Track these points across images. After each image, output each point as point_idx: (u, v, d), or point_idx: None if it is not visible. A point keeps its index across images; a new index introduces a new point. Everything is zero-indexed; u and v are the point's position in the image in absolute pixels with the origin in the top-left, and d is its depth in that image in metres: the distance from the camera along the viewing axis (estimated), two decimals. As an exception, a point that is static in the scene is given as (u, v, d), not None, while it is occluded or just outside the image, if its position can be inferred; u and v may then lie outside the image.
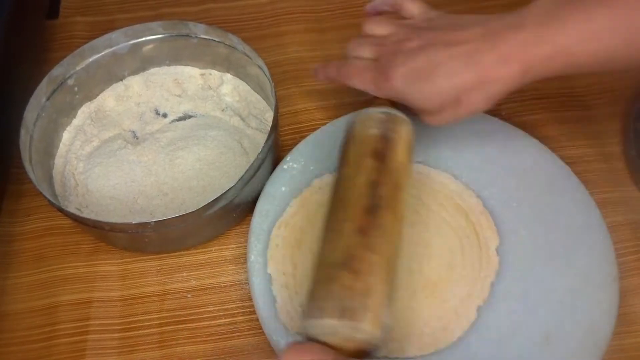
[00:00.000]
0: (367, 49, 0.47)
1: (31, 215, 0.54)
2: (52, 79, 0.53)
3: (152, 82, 0.58)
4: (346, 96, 0.59)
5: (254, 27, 0.65)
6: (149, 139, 0.55)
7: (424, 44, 0.43)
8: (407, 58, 0.43)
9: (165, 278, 0.50)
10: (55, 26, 0.66)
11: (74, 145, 0.55)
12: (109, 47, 0.55)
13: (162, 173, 0.53)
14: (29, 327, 0.48)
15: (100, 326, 0.48)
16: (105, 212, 0.51)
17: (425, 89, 0.42)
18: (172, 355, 0.47)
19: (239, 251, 0.51)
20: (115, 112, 0.57)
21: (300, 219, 0.48)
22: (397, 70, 0.43)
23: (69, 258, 0.51)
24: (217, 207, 0.46)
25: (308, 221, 0.48)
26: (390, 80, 0.43)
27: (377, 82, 0.45)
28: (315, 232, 0.46)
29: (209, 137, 0.54)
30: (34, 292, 0.50)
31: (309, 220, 0.48)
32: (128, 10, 0.67)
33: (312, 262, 0.43)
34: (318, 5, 0.66)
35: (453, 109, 0.43)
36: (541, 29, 0.39)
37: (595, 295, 0.44)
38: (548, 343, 0.43)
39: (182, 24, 0.55)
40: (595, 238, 0.47)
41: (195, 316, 0.48)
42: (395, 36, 0.46)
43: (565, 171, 0.50)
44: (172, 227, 0.46)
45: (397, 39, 0.45)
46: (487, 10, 0.64)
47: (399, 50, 0.44)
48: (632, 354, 0.46)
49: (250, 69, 0.55)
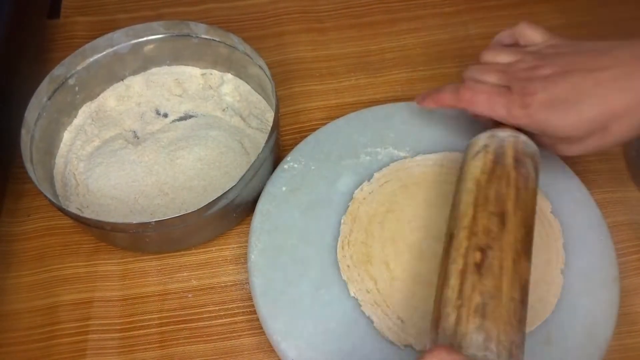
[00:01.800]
0: (493, 75, 0.44)
1: (32, 215, 0.54)
2: (53, 78, 0.53)
3: (153, 81, 0.58)
4: (347, 96, 0.59)
5: (255, 27, 0.65)
6: (150, 139, 0.55)
7: (562, 71, 0.41)
8: (546, 84, 0.41)
9: (166, 278, 0.50)
10: (56, 26, 0.66)
11: (74, 145, 0.55)
12: (110, 46, 0.55)
13: (162, 173, 0.53)
14: (30, 327, 0.48)
15: (100, 326, 0.48)
16: (106, 212, 0.51)
17: (571, 116, 0.40)
18: (172, 355, 0.47)
19: (239, 251, 0.51)
20: (116, 112, 0.57)
21: (358, 234, 0.48)
22: (537, 98, 0.41)
23: (69, 258, 0.51)
24: (218, 207, 0.46)
25: (367, 234, 0.48)
26: (529, 107, 0.41)
27: (510, 109, 0.42)
28: (378, 244, 0.47)
29: (210, 137, 0.54)
30: (35, 291, 0.50)
31: (368, 233, 0.48)
32: (129, 10, 0.67)
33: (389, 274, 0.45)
34: (319, 5, 0.66)
35: (599, 137, 0.41)
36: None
37: (596, 295, 0.44)
38: (548, 343, 0.43)
39: (183, 23, 0.55)
40: (596, 238, 0.47)
41: (195, 316, 0.48)
42: (524, 63, 0.44)
43: (566, 171, 0.50)
44: (173, 227, 0.46)
45: (527, 66, 0.43)
46: (487, 10, 0.64)
47: (534, 77, 0.42)
48: (632, 354, 0.46)
49: (251, 69, 0.55)
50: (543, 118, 0.41)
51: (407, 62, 0.61)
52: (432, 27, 0.64)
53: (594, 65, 0.40)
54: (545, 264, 0.45)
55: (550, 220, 0.47)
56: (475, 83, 0.45)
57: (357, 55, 0.62)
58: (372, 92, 0.60)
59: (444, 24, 0.64)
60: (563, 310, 0.44)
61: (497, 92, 0.43)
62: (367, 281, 0.45)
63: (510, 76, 0.43)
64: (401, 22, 0.65)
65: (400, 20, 0.65)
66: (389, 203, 0.49)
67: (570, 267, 0.45)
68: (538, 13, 0.64)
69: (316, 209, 0.49)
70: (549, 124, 0.41)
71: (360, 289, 0.45)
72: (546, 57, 0.43)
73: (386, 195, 0.49)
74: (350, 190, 0.50)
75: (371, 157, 0.51)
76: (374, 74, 0.61)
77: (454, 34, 0.63)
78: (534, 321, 0.43)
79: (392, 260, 0.46)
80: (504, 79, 0.44)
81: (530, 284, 0.41)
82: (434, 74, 0.60)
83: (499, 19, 0.64)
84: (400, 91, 0.59)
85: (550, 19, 0.63)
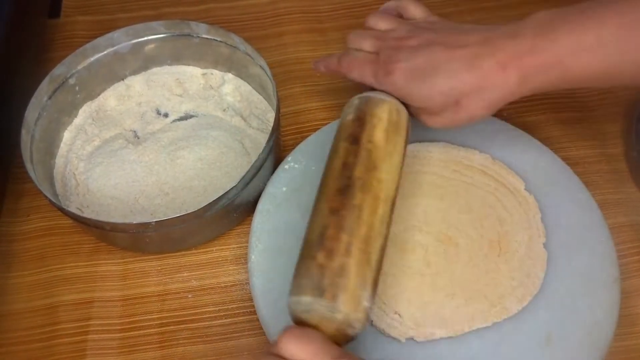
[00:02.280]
0: (368, 41, 0.47)
1: (32, 215, 0.54)
2: (53, 78, 0.53)
3: (154, 81, 0.58)
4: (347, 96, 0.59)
5: (256, 27, 0.65)
6: (150, 139, 0.55)
7: (424, 43, 0.44)
8: (409, 55, 0.44)
9: (166, 278, 0.50)
10: (57, 25, 0.66)
11: (75, 144, 0.55)
12: (110, 46, 0.55)
13: (163, 173, 0.53)
14: (30, 327, 0.48)
15: (100, 326, 0.48)
16: (106, 212, 0.51)
17: (426, 87, 0.43)
18: (172, 355, 0.47)
19: (239, 251, 0.51)
20: (117, 112, 0.57)
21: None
22: (398, 66, 0.43)
23: (69, 258, 0.51)
24: (218, 207, 0.46)
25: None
26: (391, 74, 0.44)
27: (377, 76, 0.45)
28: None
29: (210, 137, 0.54)
30: (35, 292, 0.50)
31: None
32: (130, 9, 0.67)
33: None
34: (319, 5, 0.66)
35: (453, 112, 0.43)
36: (536, 39, 0.40)
37: (597, 296, 0.44)
38: (549, 344, 0.43)
39: (184, 23, 0.55)
40: (597, 239, 0.47)
41: (195, 316, 0.48)
42: (397, 32, 0.47)
43: (566, 172, 0.50)
44: (173, 227, 0.46)
45: (398, 35, 0.46)
46: (487, 10, 0.64)
47: (400, 46, 0.45)
48: (633, 355, 0.45)
49: (251, 69, 0.55)
50: (403, 86, 0.44)
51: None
52: (432, 27, 0.64)
53: (453, 43, 0.43)
54: (528, 240, 0.47)
55: (526, 197, 0.49)
56: (354, 51, 0.48)
57: (357, 55, 0.62)
58: (373, 92, 0.59)
59: (444, 24, 0.64)
60: (564, 310, 0.44)
61: (368, 59, 0.46)
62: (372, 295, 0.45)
63: (382, 44, 0.46)
64: (402, 22, 0.64)
65: (401, 21, 0.65)
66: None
67: (571, 268, 0.45)
68: (538, 14, 0.64)
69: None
70: (406, 93, 0.44)
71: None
72: (417, 30, 0.46)
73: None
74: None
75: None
76: (375, 74, 0.61)
77: (454, 34, 0.63)
78: (525, 297, 0.44)
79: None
80: (376, 46, 0.46)
81: (517, 261, 0.45)
82: (435, 74, 0.60)
83: (498, 19, 0.64)
84: (400, 91, 0.59)
85: (551, 20, 0.63)
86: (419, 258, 0.46)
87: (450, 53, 0.42)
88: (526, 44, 0.40)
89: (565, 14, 0.40)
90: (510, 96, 0.42)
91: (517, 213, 0.48)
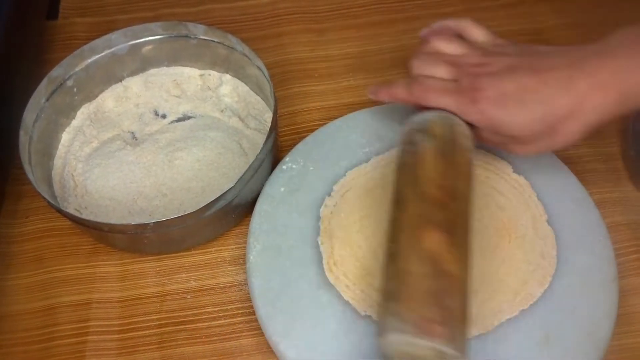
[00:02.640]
0: (442, 68, 0.44)
1: (30, 217, 0.54)
2: (51, 79, 0.53)
3: (152, 83, 0.58)
4: (345, 97, 0.59)
5: (254, 28, 0.65)
6: (148, 140, 0.55)
7: (506, 69, 0.41)
8: (494, 81, 0.41)
9: (165, 279, 0.50)
10: (55, 27, 0.66)
11: (73, 146, 0.55)
12: (108, 48, 0.55)
13: (161, 174, 0.53)
14: (29, 329, 0.48)
15: (99, 327, 0.48)
16: (105, 213, 0.51)
17: (519, 114, 0.40)
18: (171, 356, 0.47)
19: (238, 252, 0.51)
20: (115, 113, 0.57)
21: (342, 250, 0.47)
22: (485, 94, 0.41)
23: (68, 259, 0.51)
24: (216, 208, 0.46)
25: (352, 247, 0.47)
26: (478, 103, 0.41)
27: (461, 106, 0.42)
28: (369, 254, 0.47)
29: (208, 137, 0.54)
30: (33, 293, 0.50)
31: (352, 246, 0.47)
32: (127, 11, 0.67)
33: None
34: (318, 5, 0.66)
35: (548, 138, 0.41)
36: (632, 57, 0.38)
37: (595, 295, 0.44)
38: (548, 343, 0.43)
39: (182, 24, 0.55)
40: (595, 238, 0.47)
41: (194, 317, 0.48)
42: (471, 58, 0.44)
43: (564, 171, 0.50)
44: (172, 228, 0.46)
45: (475, 62, 0.43)
46: (486, 10, 0.64)
47: (481, 73, 0.42)
48: (631, 354, 0.45)
49: (249, 70, 0.56)
50: (493, 114, 0.41)
51: (406, 63, 0.61)
52: (430, 27, 0.64)
53: (539, 66, 0.41)
54: (533, 221, 0.47)
55: (516, 179, 0.49)
56: (426, 78, 0.45)
57: (355, 55, 0.62)
58: (371, 92, 0.60)
59: (442, 24, 0.64)
60: (562, 310, 0.44)
61: (447, 88, 0.43)
62: (373, 294, 0.45)
63: (459, 70, 0.44)
64: (399, 22, 0.65)
65: (399, 21, 0.65)
66: (358, 210, 0.49)
67: (569, 267, 0.45)
68: (536, 13, 0.64)
69: (314, 210, 0.49)
70: (497, 122, 0.41)
71: (354, 297, 0.45)
72: (492, 54, 0.44)
73: (352, 204, 0.49)
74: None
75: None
76: (373, 75, 0.61)
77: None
78: (546, 278, 0.44)
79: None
80: (452, 73, 0.44)
81: (528, 244, 0.45)
82: (433, 74, 0.60)
83: (497, 19, 0.64)
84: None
85: (548, 19, 0.63)
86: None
87: (540, 77, 0.40)
88: (624, 62, 0.38)
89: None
90: (608, 117, 0.39)
91: (514, 196, 0.48)
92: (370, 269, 0.46)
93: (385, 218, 0.44)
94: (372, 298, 0.45)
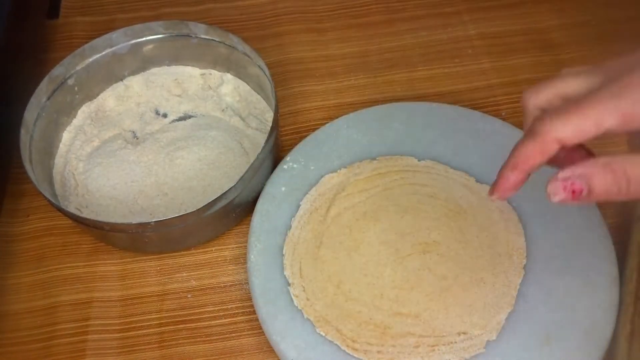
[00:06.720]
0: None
1: (31, 216, 0.54)
2: (52, 78, 0.53)
3: (153, 82, 0.58)
4: (347, 96, 0.59)
5: (255, 27, 0.65)
6: (149, 139, 0.55)
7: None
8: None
9: (165, 278, 0.50)
10: (56, 26, 0.66)
11: (74, 145, 0.55)
12: (109, 47, 0.55)
13: (162, 173, 0.53)
14: (29, 328, 0.48)
15: (100, 326, 0.48)
16: (105, 212, 0.51)
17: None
18: (172, 355, 0.47)
19: (239, 251, 0.51)
20: (116, 112, 0.57)
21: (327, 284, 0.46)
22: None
23: (68, 258, 0.51)
24: (217, 207, 0.46)
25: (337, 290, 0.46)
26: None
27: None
28: (352, 282, 0.46)
29: (209, 137, 0.54)
30: (34, 292, 0.50)
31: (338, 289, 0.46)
32: (128, 10, 0.67)
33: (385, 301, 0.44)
34: (318, 5, 0.66)
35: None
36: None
37: (596, 295, 0.44)
38: (548, 343, 0.43)
39: (183, 23, 0.55)
40: (596, 238, 0.47)
41: (195, 316, 0.48)
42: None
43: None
44: (172, 227, 0.46)
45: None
46: (486, 10, 0.64)
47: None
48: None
49: (250, 69, 0.56)
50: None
51: (406, 62, 0.61)
52: (431, 27, 0.64)
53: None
54: (499, 212, 0.47)
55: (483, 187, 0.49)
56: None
57: (356, 55, 0.62)
58: (372, 92, 0.59)
59: (443, 24, 0.64)
60: (562, 310, 0.44)
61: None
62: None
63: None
64: (400, 22, 0.65)
65: (399, 20, 0.65)
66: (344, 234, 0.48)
67: (570, 267, 0.45)
68: (537, 13, 0.64)
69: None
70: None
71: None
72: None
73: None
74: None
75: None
76: (373, 74, 0.61)
77: (453, 34, 0.63)
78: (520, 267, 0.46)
79: (385, 286, 0.45)
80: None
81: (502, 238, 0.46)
82: (433, 74, 0.60)
83: (498, 19, 0.64)
84: (399, 91, 0.59)
85: (549, 19, 0.63)
86: (430, 278, 0.45)
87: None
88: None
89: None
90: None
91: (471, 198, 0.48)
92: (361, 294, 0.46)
93: (385, 217, 0.44)
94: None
